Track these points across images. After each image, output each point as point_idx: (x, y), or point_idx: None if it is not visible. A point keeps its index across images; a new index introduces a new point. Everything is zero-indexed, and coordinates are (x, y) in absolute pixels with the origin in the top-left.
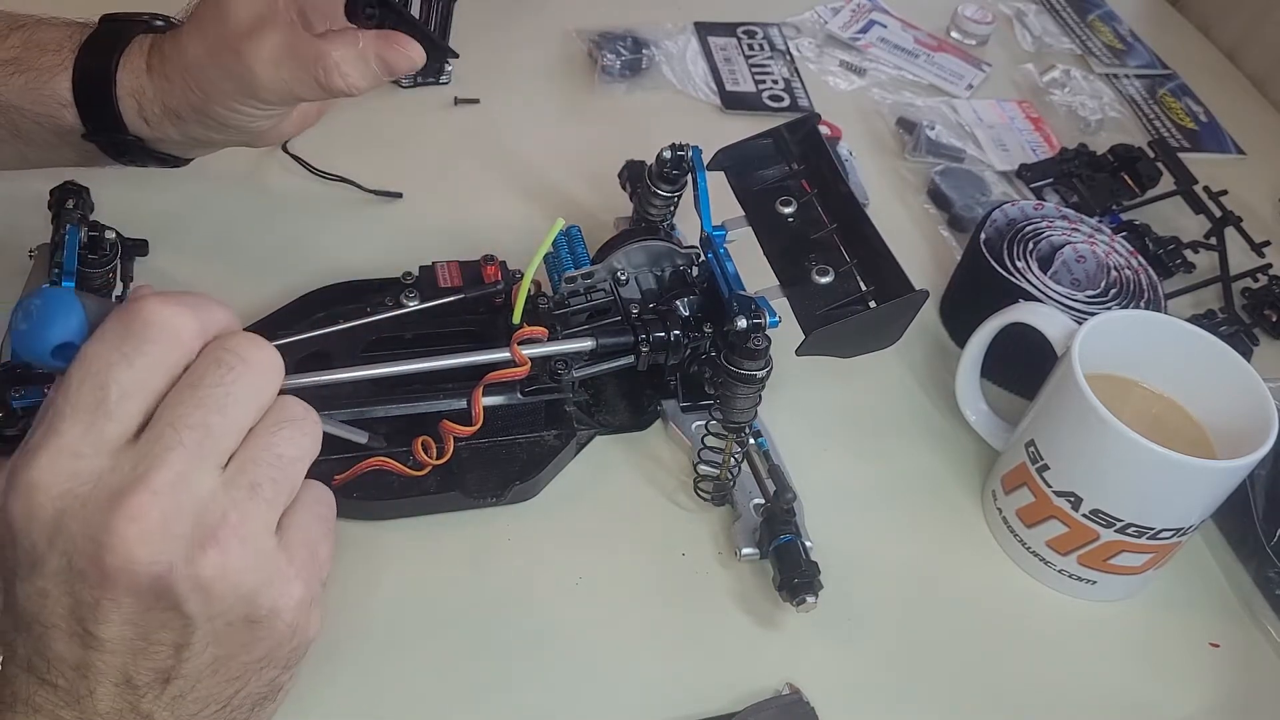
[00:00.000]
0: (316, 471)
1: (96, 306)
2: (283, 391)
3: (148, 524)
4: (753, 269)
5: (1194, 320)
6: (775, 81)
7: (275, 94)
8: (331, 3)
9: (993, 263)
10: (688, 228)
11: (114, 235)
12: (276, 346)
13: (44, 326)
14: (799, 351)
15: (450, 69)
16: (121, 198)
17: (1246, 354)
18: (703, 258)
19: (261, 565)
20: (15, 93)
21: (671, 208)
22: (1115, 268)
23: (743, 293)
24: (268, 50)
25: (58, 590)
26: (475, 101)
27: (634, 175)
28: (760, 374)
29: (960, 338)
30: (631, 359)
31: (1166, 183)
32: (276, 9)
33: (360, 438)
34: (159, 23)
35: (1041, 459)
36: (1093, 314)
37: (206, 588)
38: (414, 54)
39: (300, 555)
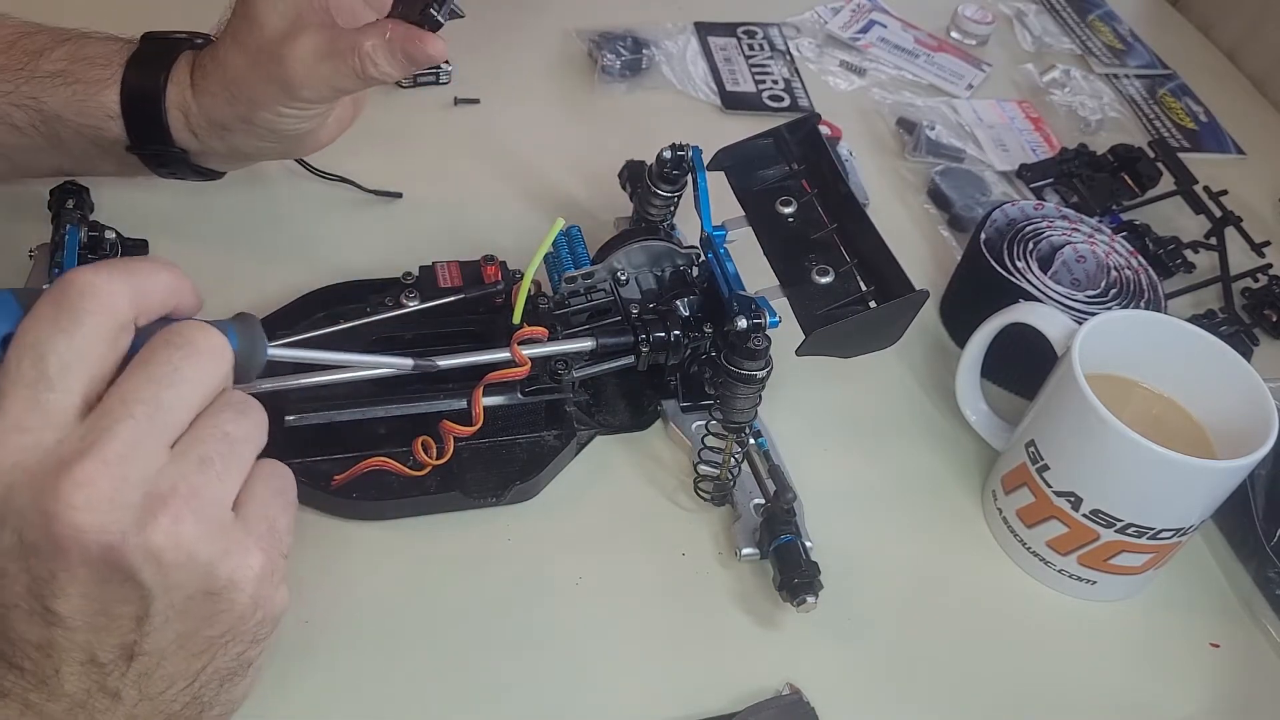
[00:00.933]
0: (317, 471)
1: (30, 295)
2: (286, 393)
3: (96, 491)
4: (753, 269)
5: (1194, 320)
6: (775, 81)
7: (317, 91)
8: (353, 2)
9: (993, 263)
10: (688, 228)
11: (114, 235)
12: (276, 347)
13: None
14: (799, 351)
15: (451, 69)
16: (121, 198)
17: (1246, 354)
18: (703, 258)
19: (216, 536)
20: (61, 103)
21: (671, 208)
22: (1115, 268)
23: (743, 293)
24: (307, 50)
25: (14, 568)
26: (475, 101)
27: (634, 175)
28: (760, 374)
29: (960, 338)
30: (631, 359)
31: (1166, 183)
32: (307, 12)
33: (405, 365)
34: (199, 40)
35: (1041, 459)
36: (1093, 314)
37: (159, 556)
38: (433, 49)
39: (258, 528)
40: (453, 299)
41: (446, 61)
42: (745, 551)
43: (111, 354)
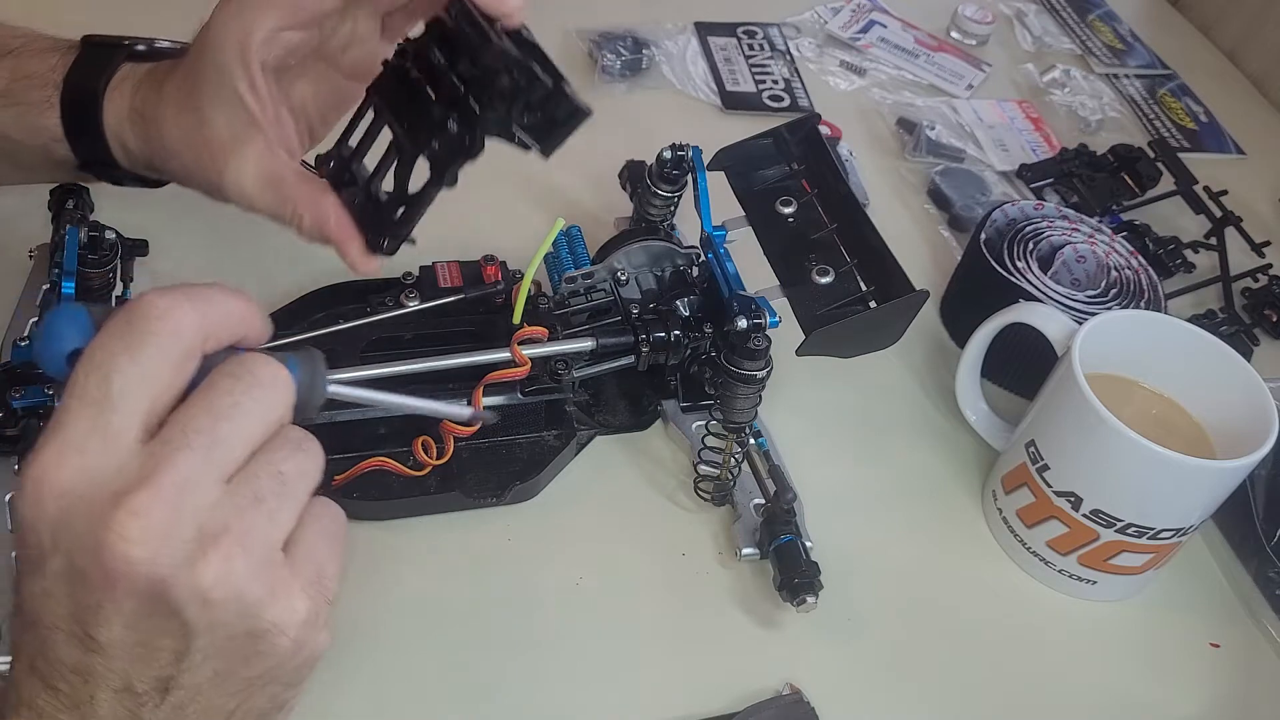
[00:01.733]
0: None
1: (104, 312)
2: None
3: (150, 524)
4: (753, 269)
5: (1194, 320)
6: (775, 81)
7: (249, 207)
8: (321, 102)
9: (993, 263)
10: (688, 228)
11: (114, 235)
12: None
13: (53, 339)
14: (799, 351)
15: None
16: (122, 198)
17: (1246, 354)
18: (703, 258)
19: (264, 578)
20: (9, 124)
21: (671, 208)
22: (1115, 268)
23: (743, 293)
24: (246, 173)
25: (61, 591)
26: None
27: (634, 175)
28: (760, 374)
29: (960, 338)
30: (631, 359)
31: (1166, 183)
32: (255, 131)
33: (462, 414)
34: (140, 48)
35: (1041, 459)
36: (1093, 314)
37: (206, 595)
38: (364, 267)
39: (306, 571)
40: (453, 299)
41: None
42: (745, 551)
43: (176, 380)
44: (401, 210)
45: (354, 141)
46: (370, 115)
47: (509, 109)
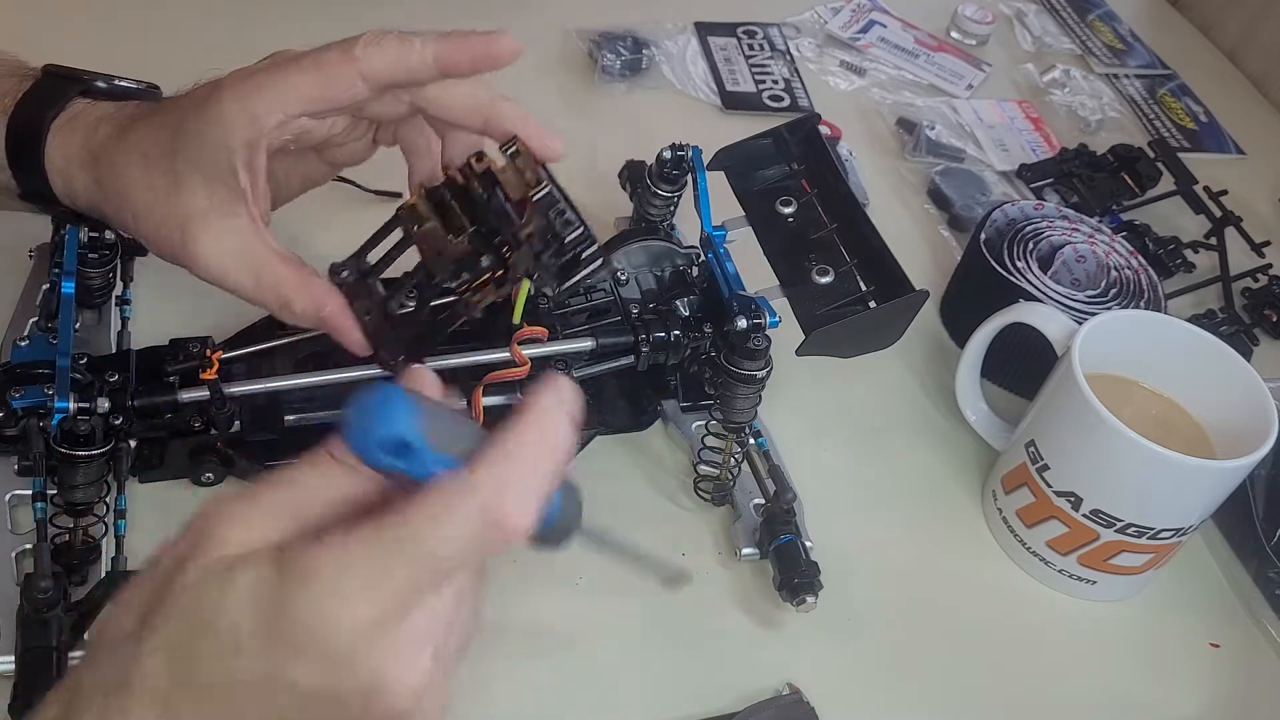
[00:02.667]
0: None
1: (437, 416)
2: (285, 393)
3: (425, 684)
4: (753, 269)
5: (1194, 320)
6: (775, 81)
7: (215, 281)
8: (300, 167)
9: (993, 263)
10: (688, 228)
11: (114, 235)
12: (276, 346)
13: (375, 424)
14: (799, 351)
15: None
16: None
17: (1246, 354)
18: (703, 258)
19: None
20: None
21: (671, 208)
22: (1115, 268)
23: (743, 293)
24: (222, 248)
25: (290, 700)
26: None
27: (634, 175)
28: (760, 374)
29: (960, 338)
30: (631, 359)
31: (1166, 183)
32: (238, 206)
33: (665, 573)
34: (99, 84)
35: (1041, 459)
36: (1093, 314)
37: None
38: (351, 342)
39: (446, 667)
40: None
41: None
42: (745, 551)
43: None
44: (417, 335)
45: (373, 259)
46: (396, 235)
47: (545, 249)
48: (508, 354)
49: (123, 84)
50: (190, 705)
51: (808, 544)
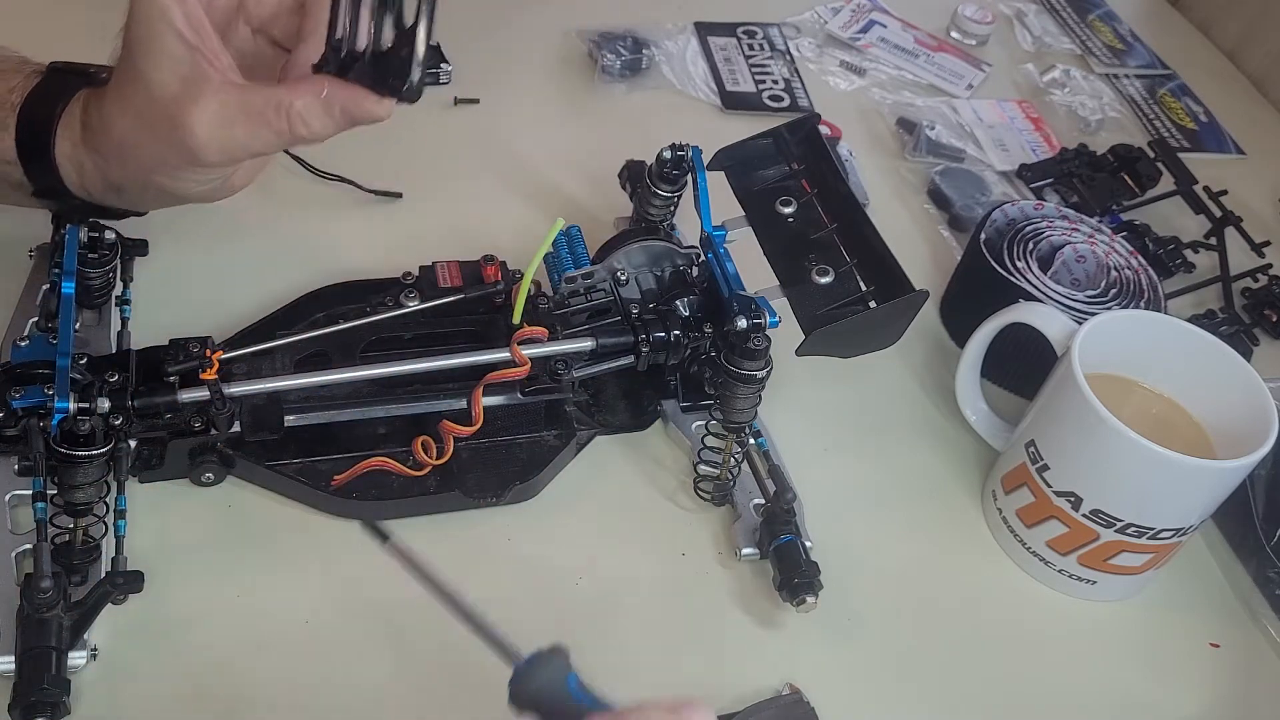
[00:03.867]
0: (317, 471)
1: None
2: (285, 393)
3: None
4: (753, 269)
5: (1194, 320)
6: (775, 81)
7: (224, 155)
8: (271, 56)
9: (993, 263)
10: (688, 228)
11: (114, 235)
12: (276, 346)
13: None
14: (799, 351)
15: (451, 69)
16: None
17: (1246, 354)
18: (703, 258)
19: None
20: None
21: (671, 208)
22: (1115, 268)
23: (743, 293)
24: (212, 114)
25: None
26: (475, 101)
27: (634, 175)
28: (760, 374)
29: (960, 338)
30: (631, 359)
31: (1166, 183)
32: (206, 69)
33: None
34: (104, 75)
35: (1041, 459)
36: (1093, 314)
37: None
38: (380, 109)
39: None
40: (453, 299)
41: (446, 61)
42: (745, 551)
43: None
44: (404, 49)
45: (341, 30)
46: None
47: None
48: (508, 354)
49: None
50: None
51: (808, 544)
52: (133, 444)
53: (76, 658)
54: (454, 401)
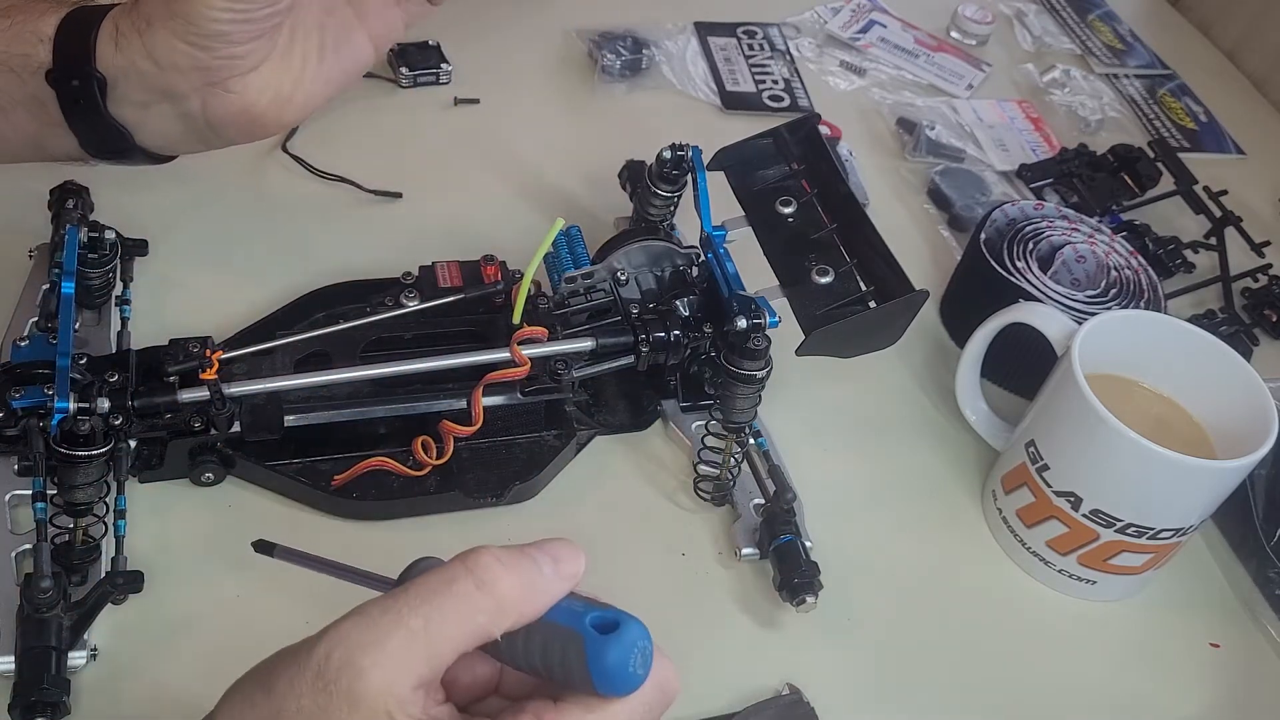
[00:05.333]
0: (317, 471)
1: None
2: (285, 393)
3: None
4: (753, 269)
5: (1194, 320)
6: (775, 81)
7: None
8: None
9: (993, 263)
10: (688, 228)
11: (114, 235)
12: (276, 346)
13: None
14: (799, 351)
15: (451, 69)
16: (121, 198)
17: (1246, 354)
18: (703, 258)
19: None
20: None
21: (671, 208)
22: (1115, 268)
23: (743, 293)
24: None
25: None
26: (475, 101)
27: (634, 175)
28: (760, 374)
29: (960, 338)
30: (631, 359)
31: (1166, 183)
32: None
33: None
34: None
35: (1041, 459)
36: (1093, 314)
37: None
38: None
39: None
40: (453, 299)
41: (446, 61)
42: (745, 551)
43: None
44: None
45: None
46: None
47: None
48: (507, 354)
49: None
50: None
51: (808, 544)
52: (133, 444)
53: (76, 658)
54: (454, 401)
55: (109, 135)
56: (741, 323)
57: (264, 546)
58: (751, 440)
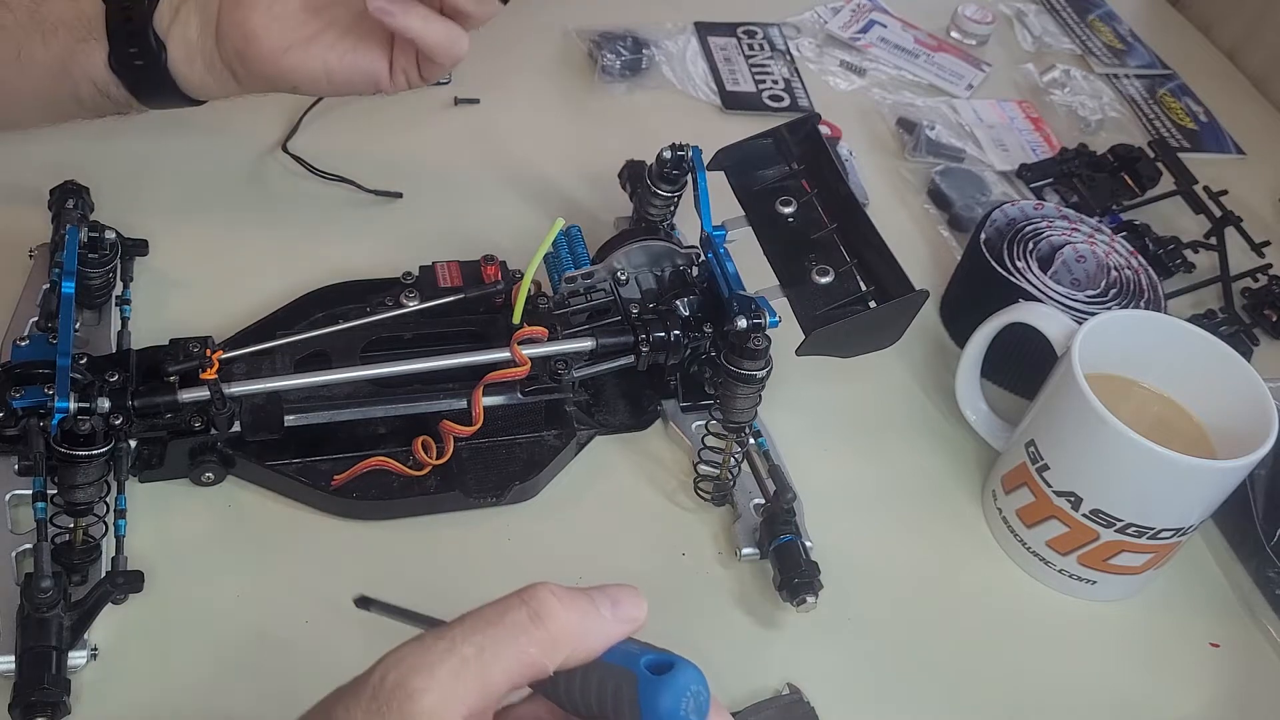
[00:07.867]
0: (317, 471)
1: None
2: (285, 393)
3: None
4: (753, 269)
5: (1194, 320)
6: (775, 81)
7: None
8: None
9: (993, 263)
10: (688, 228)
11: (114, 235)
12: (276, 346)
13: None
14: (799, 351)
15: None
16: (121, 198)
17: (1246, 354)
18: (703, 258)
19: None
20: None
21: (671, 208)
22: (1115, 268)
23: (743, 293)
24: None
25: None
26: (475, 101)
27: (634, 175)
28: (760, 374)
29: (960, 338)
30: (631, 359)
31: (1166, 183)
32: None
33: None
34: None
35: (1041, 459)
36: (1093, 314)
37: None
38: None
39: None
40: (453, 299)
41: None
42: (745, 551)
43: None
44: None
45: None
46: None
47: None
48: (508, 354)
49: None
50: None
51: (808, 544)
52: (133, 444)
53: (76, 658)
54: (454, 401)
55: (141, 44)
56: (741, 323)
57: (364, 602)
58: (751, 440)
